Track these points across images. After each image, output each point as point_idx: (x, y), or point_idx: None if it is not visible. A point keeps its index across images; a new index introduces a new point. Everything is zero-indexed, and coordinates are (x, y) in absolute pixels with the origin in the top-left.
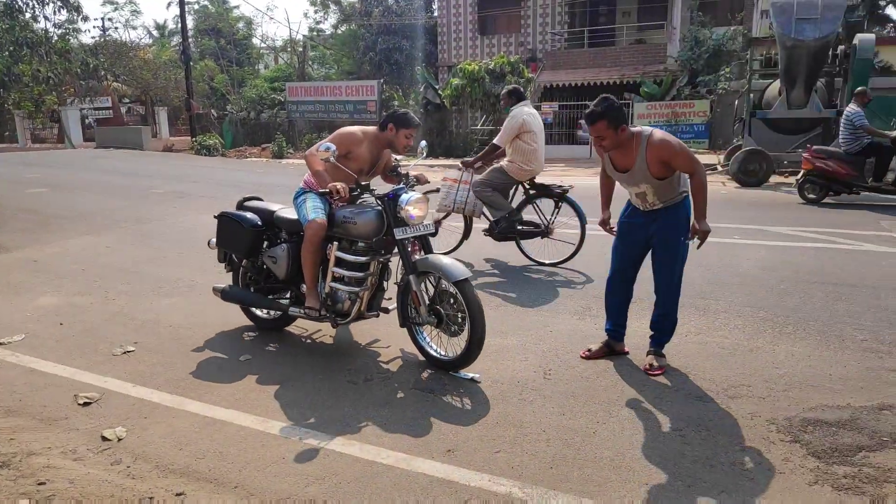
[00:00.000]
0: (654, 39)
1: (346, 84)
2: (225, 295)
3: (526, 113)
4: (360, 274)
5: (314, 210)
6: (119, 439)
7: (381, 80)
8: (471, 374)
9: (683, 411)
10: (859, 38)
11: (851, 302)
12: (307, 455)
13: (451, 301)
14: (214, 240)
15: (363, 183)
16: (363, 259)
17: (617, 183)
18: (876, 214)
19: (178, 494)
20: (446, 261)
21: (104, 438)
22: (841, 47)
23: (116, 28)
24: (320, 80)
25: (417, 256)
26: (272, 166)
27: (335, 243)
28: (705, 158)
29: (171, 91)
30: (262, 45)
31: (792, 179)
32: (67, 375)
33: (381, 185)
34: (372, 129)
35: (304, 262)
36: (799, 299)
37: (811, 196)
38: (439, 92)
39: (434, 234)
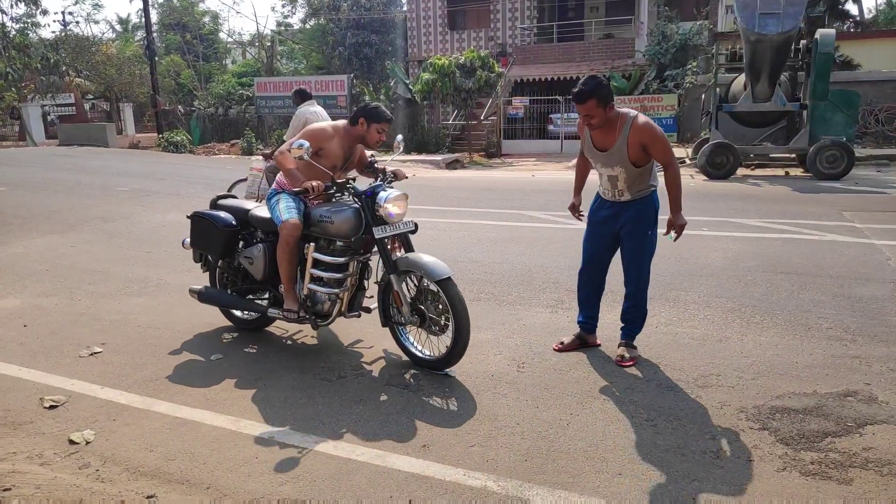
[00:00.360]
0: (623, 34)
1: (316, 79)
2: (202, 297)
3: (310, 112)
4: (339, 275)
5: (287, 210)
6: (87, 442)
7: (352, 75)
8: (446, 371)
9: (655, 401)
10: (820, 32)
11: (816, 291)
12: (280, 454)
13: (434, 300)
14: (188, 240)
15: (339, 180)
16: (342, 259)
17: (591, 172)
18: (839, 205)
19: (149, 497)
20: (428, 259)
21: (71, 442)
22: (803, 42)
23: (78, 22)
24: (289, 76)
25: (398, 255)
26: (241, 163)
27: (312, 244)
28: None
29: (136, 87)
30: (230, 39)
31: (758, 172)
32: (32, 378)
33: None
34: (342, 123)
35: (279, 263)
36: (766, 289)
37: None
38: (410, 87)
39: (414, 232)
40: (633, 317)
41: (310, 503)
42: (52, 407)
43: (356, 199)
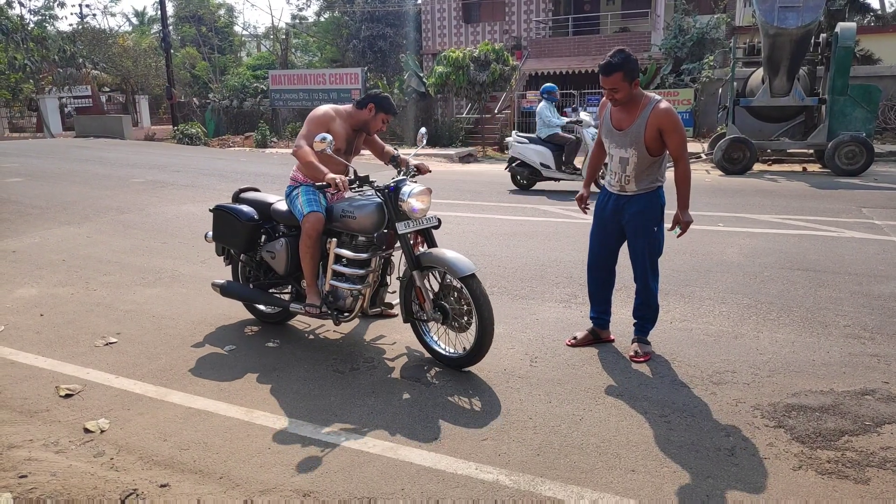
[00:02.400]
0: (639, 28)
1: (330, 72)
2: (224, 291)
3: None
4: (362, 271)
5: (309, 203)
6: (102, 431)
7: (366, 68)
8: (468, 367)
9: (669, 398)
10: (841, 26)
11: (834, 288)
12: (293, 445)
13: (457, 296)
14: (211, 233)
15: (361, 175)
16: (364, 255)
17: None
18: (857, 202)
19: (162, 486)
20: (452, 255)
21: (86, 430)
22: (823, 35)
23: (94, 15)
24: (303, 68)
25: (421, 250)
26: (255, 155)
27: (334, 239)
28: (689, 146)
29: (151, 79)
30: (244, 32)
31: (775, 167)
32: (48, 367)
33: (374, 171)
34: (345, 107)
35: (302, 258)
36: (782, 286)
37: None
38: (424, 80)
39: (437, 227)
40: (645, 314)
41: (321, 495)
42: (67, 396)
43: (378, 194)
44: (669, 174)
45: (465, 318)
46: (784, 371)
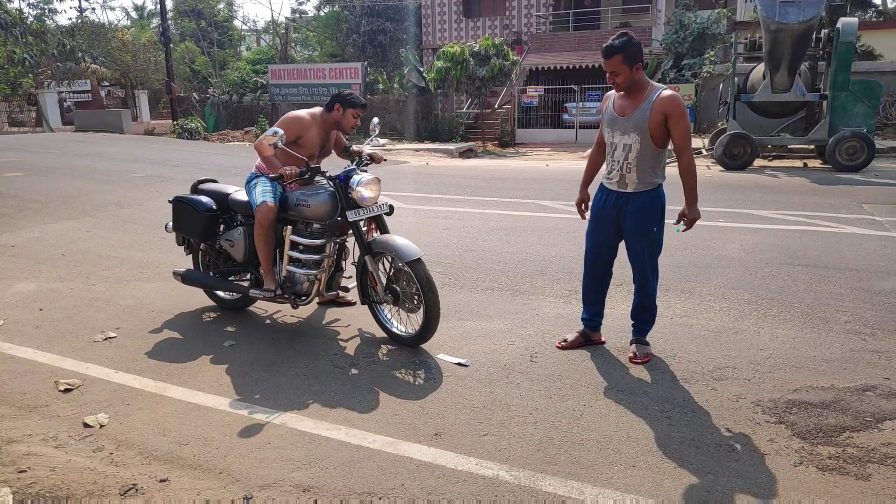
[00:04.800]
0: (639, 23)
1: (330, 66)
2: (185, 279)
3: None
4: (317, 256)
5: (263, 194)
6: (101, 426)
7: (365, 63)
8: (458, 359)
9: (669, 393)
10: (842, 21)
11: (835, 284)
12: (293, 440)
13: (408, 280)
14: (171, 224)
15: (314, 165)
16: (318, 242)
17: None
18: (858, 198)
19: (161, 481)
20: (399, 241)
21: (86, 425)
22: (824, 31)
23: (94, 9)
24: (303, 63)
25: (374, 237)
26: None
27: (289, 227)
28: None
29: (151, 74)
30: (244, 26)
31: (776, 163)
32: (47, 362)
33: (333, 164)
34: (318, 110)
35: (257, 245)
36: (783, 282)
37: None
38: (424, 75)
39: (389, 214)
40: (643, 317)
41: (321, 490)
42: (66, 390)
43: (330, 183)
44: (670, 171)
45: (415, 301)
46: (785, 367)
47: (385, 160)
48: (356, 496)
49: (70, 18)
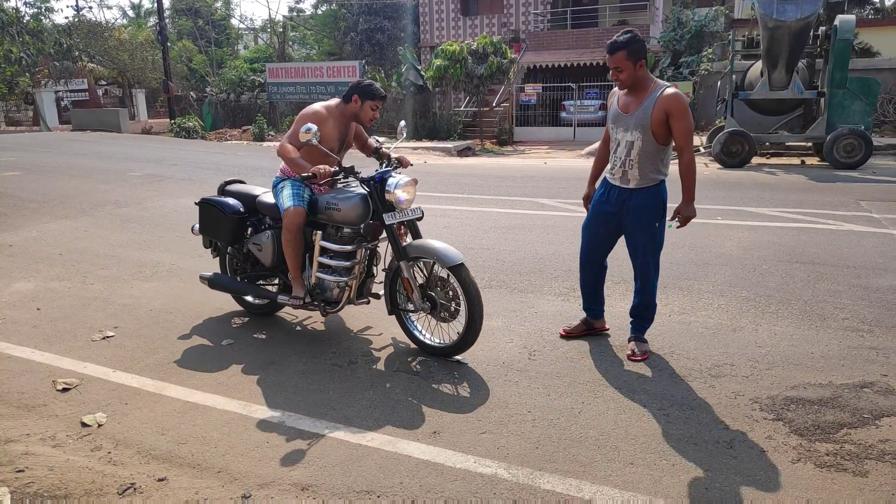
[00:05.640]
0: (637, 20)
1: (328, 65)
2: (212, 283)
3: None
4: (348, 263)
5: (291, 197)
6: (99, 425)
7: (363, 61)
8: (457, 357)
9: (667, 391)
10: (840, 19)
11: (832, 281)
12: (291, 439)
13: (444, 286)
14: (197, 226)
15: (346, 165)
16: (350, 247)
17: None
18: (856, 195)
19: (160, 480)
20: (439, 245)
21: (84, 424)
22: (822, 28)
23: (91, 8)
24: (301, 62)
25: (407, 241)
26: (253, 149)
27: (319, 232)
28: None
29: (148, 72)
30: (242, 25)
31: (774, 160)
32: (45, 361)
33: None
34: (334, 102)
35: (284, 250)
36: (781, 279)
37: None
38: (422, 73)
39: (421, 218)
40: (643, 314)
41: (320, 488)
42: (64, 390)
43: (364, 185)
44: (672, 169)
45: (452, 308)
46: (783, 364)
47: (412, 164)
48: (355, 494)
49: (67, 17)
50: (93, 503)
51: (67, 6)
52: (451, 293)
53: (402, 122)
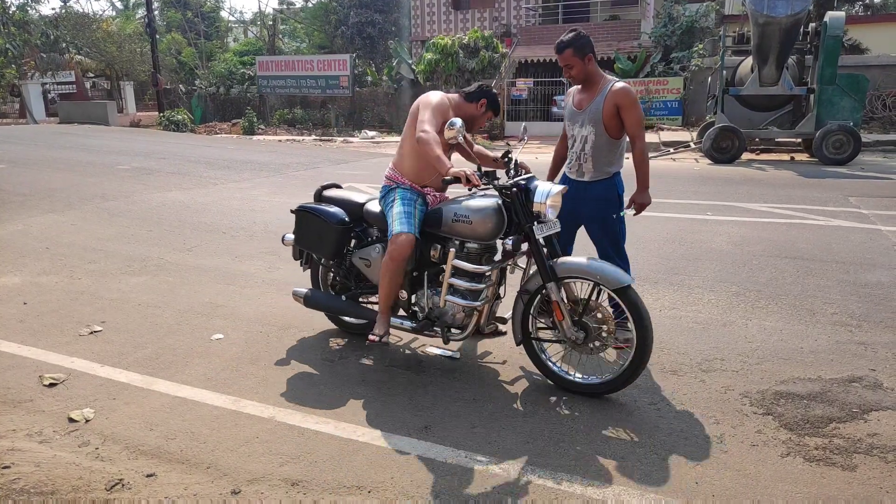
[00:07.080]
0: (628, 16)
1: (318, 58)
2: (308, 301)
3: None
4: (482, 285)
5: (402, 217)
6: (86, 420)
7: (354, 55)
8: (448, 352)
9: (658, 385)
10: (829, 15)
11: (821, 277)
12: (281, 434)
13: (595, 311)
14: (290, 235)
15: (486, 169)
16: (485, 268)
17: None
18: (844, 191)
19: (148, 476)
20: (600, 264)
21: (71, 420)
22: (812, 25)
23: None
24: (291, 55)
25: (554, 259)
26: (243, 142)
27: (452, 249)
28: (678, 135)
29: (136, 65)
30: (231, 17)
31: (763, 156)
32: (32, 356)
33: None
34: (454, 96)
35: (381, 279)
36: (771, 274)
37: None
38: (413, 67)
39: (559, 234)
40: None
41: (310, 484)
42: (51, 385)
43: (504, 194)
44: (628, 162)
45: (607, 338)
46: (772, 359)
47: (531, 172)
48: (345, 490)
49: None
50: (80, 500)
51: None
52: (604, 320)
53: (524, 125)
